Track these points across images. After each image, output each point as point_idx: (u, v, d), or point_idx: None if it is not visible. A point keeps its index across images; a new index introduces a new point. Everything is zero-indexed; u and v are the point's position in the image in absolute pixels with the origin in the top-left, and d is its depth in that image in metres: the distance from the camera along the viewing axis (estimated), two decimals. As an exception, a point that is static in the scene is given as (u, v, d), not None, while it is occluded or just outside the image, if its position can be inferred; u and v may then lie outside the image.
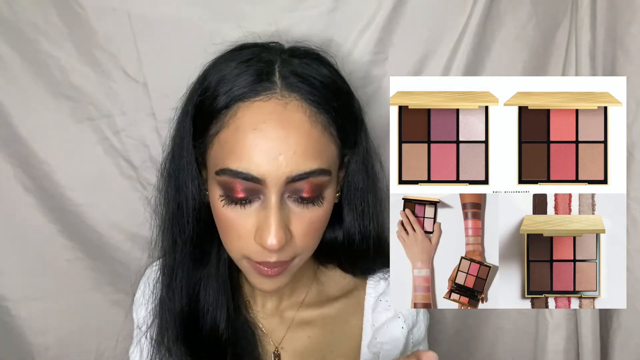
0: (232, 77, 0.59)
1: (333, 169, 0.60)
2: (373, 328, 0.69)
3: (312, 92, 0.58)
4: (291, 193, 0.57)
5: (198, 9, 0.77)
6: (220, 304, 0.66)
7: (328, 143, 0.59)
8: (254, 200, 0.58)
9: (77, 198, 0.85)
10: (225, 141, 0.57)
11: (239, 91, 0.57)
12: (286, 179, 0.56)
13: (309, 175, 0.56)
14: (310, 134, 0.57)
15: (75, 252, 0.87)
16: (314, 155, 0.56)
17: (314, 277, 0.71)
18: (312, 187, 0.57)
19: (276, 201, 0.56)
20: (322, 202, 0.59)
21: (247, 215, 0.58)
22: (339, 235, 0.69)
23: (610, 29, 0.77)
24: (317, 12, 0.77)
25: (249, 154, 0.55)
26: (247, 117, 0.56)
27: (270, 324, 0.70)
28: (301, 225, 0.58)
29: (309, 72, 0.59)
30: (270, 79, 0.58)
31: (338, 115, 0.60)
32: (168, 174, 0.66)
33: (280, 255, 0.58)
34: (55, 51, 0.80)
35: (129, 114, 0.82)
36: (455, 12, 0.77)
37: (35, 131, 0.83)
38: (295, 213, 0.58)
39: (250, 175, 0.55)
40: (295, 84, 0.58)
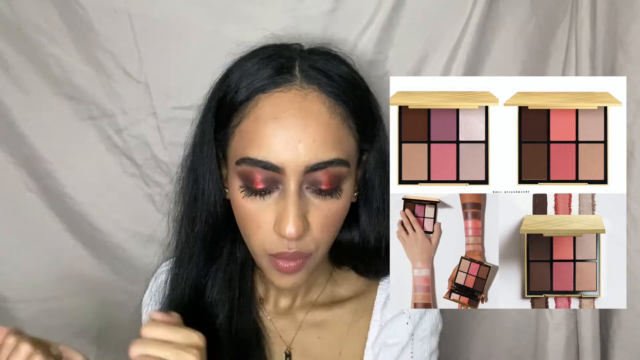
0: (253, 72, 0.60)
1: (352, 162, 0.60)
2: (379, 327, 0.68)
3: (331, 85, 0.59)
4: (310, 184, 0.58)
5: (198, 9, 0.77)
6: (223, 300, 0.67)
7: (347, 135, 0.59)
8: (273, 191, 0.58)
9: (80, 197, 0.85)
10: (245, 131, 0.58)
11: (260, 83, 0.59)
12: (305, 167, 0.56)
13: (327, 164, 0.57)
14: (329, 124, 0.58)
15: (78, 251, 0.88)
16: (333, 145, 0.57)
17: (329, 278, 0.71)
18: (331, 178, 0.58)
19: (295, 190, 0.57)
20: (340, 195, 0.59)
21: (266, 206, 0.58)
22: (355, 235, 0.69)
23: (610, 29, 0.77)
24: (317, 12, 0.77)
25: (269, 143, 0.56)
26: (267, 107, 0.58)
27: (282, 324, 0.70)
28: (319, 217, 0.59)
29: (328, 67, 0.61)
30: (290, 72, 0.59)
31: (356, 109, 0.61)
32: (188, 168, 0.67)
33: (299, 245, 0.58)
34: (56, 51, 0.80)
35: (130, 113, 0.83)
36: (455, 12, 0.77)
37: (37, 131, 0.83)
38: (313, 204, 0.59)
39: (269, 164, 0.56)
40: (315, 76, 0.59)
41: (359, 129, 0.61)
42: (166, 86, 0.80)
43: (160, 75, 0.80)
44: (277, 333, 0.69)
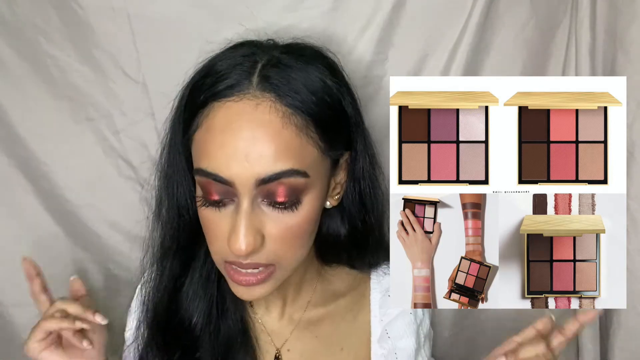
0: (214, 75, 0.59)
1: (313, 172, 0.57)
2: (382, 323, 0.68)
3: (288, 94, 0.57)
4: (264, 197, 0.56)
5: (198, 9, 0.77)
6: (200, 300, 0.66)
7: (304, 144, 0.56)
8: (229, 203, 0.57)
9: (76, 199, 0.85)
10: (199, 141, 0.58)
11: (215, 90, 0.57)
12: (255, 180, 0.54)
13: (280, 175, 0.55)
14: (281, 135, 0.55)
15: (74, 253, 0.87)
16: (286, 155, 0.55)
17: (318, 277, 0.71)
18: (286, 189, 0.56)
19: (247, 205, 0.55)
20: (298, 208, 0.57)
21: (222, 217, 0.57)
22: (342, 231, 0.68)
23: (610, 29, 0.77)
24: (317, 11, 0.77)
25: (217, 155, 0.55)
26: (218, 118, 0.56)
27: (275, 326, 0.69)
28: (277, 231, 0.57)
29: (292, 73, 0.58)
30: (248, 78, 0.57)
31: (319, 117, 0.58)
32: (159, 170, 0.67)
33: (254, 257, 0.57)
34: (54, 51, 0.79)
35: (128, 114, 0.82)
36: (455, 12, 0.77)
37: (34, 131, 0.83)
38: (270, 217, 0.57)
39: (219, 177, 0.55)
40: (274, 84, 0.57)
41: (323, 138, 0.58)
42: (164, 87, 0.79)
43: (158, 76, 0.80)
44: (269, 335, 0.68)
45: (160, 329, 0.67)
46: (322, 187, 0.60)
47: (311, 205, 0.58)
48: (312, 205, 0.58)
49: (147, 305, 0.68)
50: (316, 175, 0.58)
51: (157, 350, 0.66)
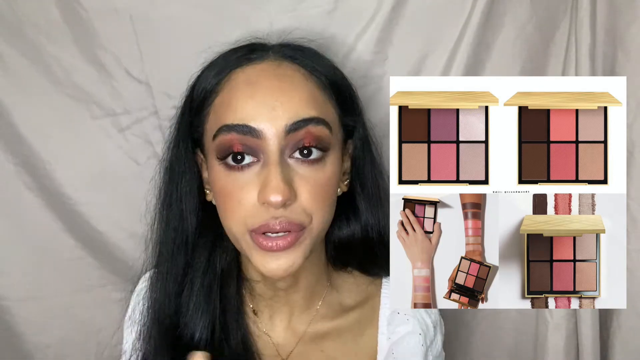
0: (225, 58, 0.61)
1: (334, 131, 0.59)
2: (389, 341, 0.66)
3: (306, 61, 0.60)
4: (292, 149, 0.56)
5: (199, 10, 0.77)
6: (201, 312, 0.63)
7: (325, 100, 0.59)
8: (253, 164, 0.56)
9: (79, 197, 0.85)
10: (220, 104, 0.58)
11: (233, 62, 0.59)
12: (285, 127, 0.55)
13: (307, 122, 0.55)
14: (306, 86, 0.58)
15: (77, 250, 0.87)
16: (312, 104, 0.57)
17: (327, 284, 0.68)
18: (313, 137, 0.56)
19: (277, 155, 0.55)
20: (325, 164, 0.58)
21: (247, 181, 0.56)
22: (356, 230, 0.67)
23: (610, 29, 0.77)
24: (317, 12, 0.77)
25: (246, 107, 0.55)
26: (242, 77, 0.58)
27: (280, 337, 0.67)
28: (306, 186, 0.56)
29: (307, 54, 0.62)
30: (263, 48, 0.61)
31: (333, 83, 0.61)
32: (164, 169, 0.66)
33: (287, 213, 0.55)
34: (57, 51, 0.80)
35: (131, 113, 0.83)
36: (455, 12, 0.77)
37: (37, 131, 0.83)
38: (298, 173, 0.56)
39: (247, 127, 0.55)
40: (289, 53, 0.60)
41: (338, 103, 0.61)
42: (168, 86, 0.80)
43: (161, 75, 0.80)
44: (275, 348, 0.66)
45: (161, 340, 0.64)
46: (339, 157, 0.61)
47: (334, 166, 0.59)
48: (335, 166, 0.59)
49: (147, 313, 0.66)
50: (335, 137, 0.60)
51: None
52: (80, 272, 0.88)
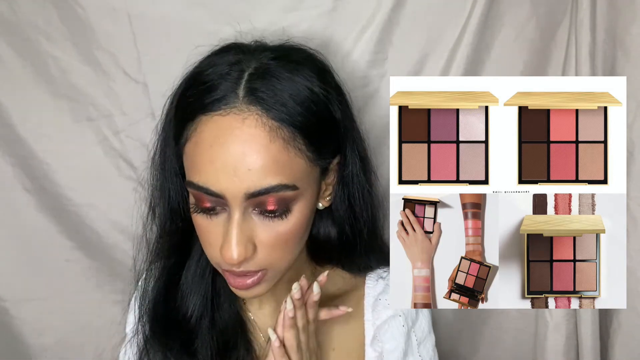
0: (201, 87, 0.59)
1: (302, 183, 0.58)
2: (374, 326, 0.69)
3: (275, 107, 0.57)
4: (255, 207, 0.57)
5: (198, 9, 0.77)
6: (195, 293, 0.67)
7: (292, 157, 0.57)
8: (221, 212, 0.58)
9: (77, 198, 0.85)
10: (189, 154, 0.58)
11: (203, 103, 0.58)
12: (245, 194, 0.55)
13: (269, 191, 0.56)
14: (269, 150, 0.55)
15: (74, 252, 0.87)
16: (274, 171, 0.56)
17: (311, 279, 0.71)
18: (276, 201, 0.57)
19: (238, 216, 0.56)
20: (288, 216, 0.58)
21: (215, 224, 0.58)
22: (332, 232, 0.69)
23: (610, 29, 0.77)
24: (317, 12, 0.77)
25: (207, 170, 0.56)
26: (206, 132, 0.57)
27: (267, 323, 0.69)
28: (268, 238, 0.58)
29: (278, 85, 0.58)
30: (235, 90, 0.57)
31: (306, 128, 0.58)
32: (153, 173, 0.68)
33: (246, 266, 0.58)
34: (55, 51, 0.80)
35: (128, 114, 0.82)
36: (455, 12, 0.77)
37: (35, 131, 0.83)
38: (260, 226, 0.58)
39: (210, 190, 0.56)
40: (260, 97, 0.57)
41: (311, 148, 0.59)
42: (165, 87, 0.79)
43: (159, 76, 0.80)
44: (261, 332, 0.69)
45: (158, 323, 0.68)
46: (313, 194, 0.61)
47: (301, 213, 0.59)
48: (302, 213, 0.59)
49: (145, 300, 0.69)
50: (305, 185, 0.59)
51: (156, 343, 0.67)
52: (77, 273, 0.88)
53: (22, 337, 0.89)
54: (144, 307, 0.69)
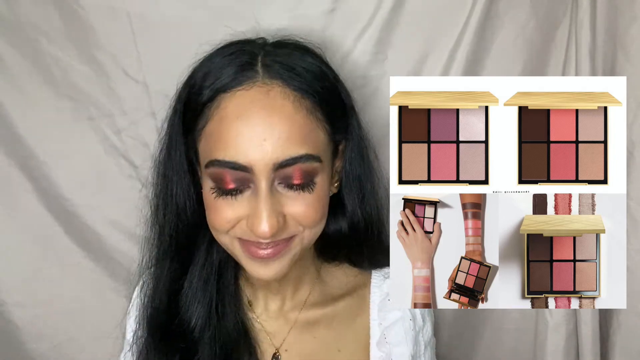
0: (216, 71, 0.60)
1: (323, 156, 0.59)
2: (381, 327, 0.68)
3: (295, 78, 0.58)
4: (281, 180, 0.57)
5: (198, 9, 0.77)
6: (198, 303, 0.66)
7: (315, 128, 0.59)
8: (245, 190, 0.58)
9: (77, 198, 0.85)
10: (211, 133, 0.58)
11: (222, 83, 0.58)
12: (274, 165, 0.56)
13: (296, 160, 0.56)
14: (295, 119, 0.57)
15: (75, 254, 0.87)
16: (300, 140, 0.57)
17: (317, 276, 0.71)
18: (302, 173, 0.57)
19: (266, 188, 0.56)
20: (314, 189, 0.59)
21: (238, 205, 0.58)
22: (343, 226, 0.69)
23: (610, 29, 0.77)
24: (317, 12, 0.77)
25: (235, 143, 0.56)
26: (231, 107, 0.57)
27: (273, 326, 0.69)
28: (296, 209, 0.58)
29: (292, 60, 0.60)
30: (252, 68, 0.59)
31: (324, 100, 0.60)
32: (158, 173, 0.67)
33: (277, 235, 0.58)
34: (55, 51, 0.80)
35: (129, 113, 0.82)
36: (455, 12, 0.77)
37: (35, 131, 0.83)
38: (288, 198, 0.58)
39: (237, 164, 0.56)
40: (278, 70, 0.59)
41: (328, 121, 0.60)
42: (165, 86, 0.79)
43: (159, 76, 0.80)
44: (268, 335, 0.69)
45: (159, 331, 0.67)
46: (329, 173, 0.62)
47: (324, 187, 0.60)
48: (324, 188, 0.60)
49: (146, 307, 0.68)
50: (326, 159, 0.60)
51: (157, 352, 0.66)
52: (78, 274, 0.88)
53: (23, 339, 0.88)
54: (144, 315, 0.68)
